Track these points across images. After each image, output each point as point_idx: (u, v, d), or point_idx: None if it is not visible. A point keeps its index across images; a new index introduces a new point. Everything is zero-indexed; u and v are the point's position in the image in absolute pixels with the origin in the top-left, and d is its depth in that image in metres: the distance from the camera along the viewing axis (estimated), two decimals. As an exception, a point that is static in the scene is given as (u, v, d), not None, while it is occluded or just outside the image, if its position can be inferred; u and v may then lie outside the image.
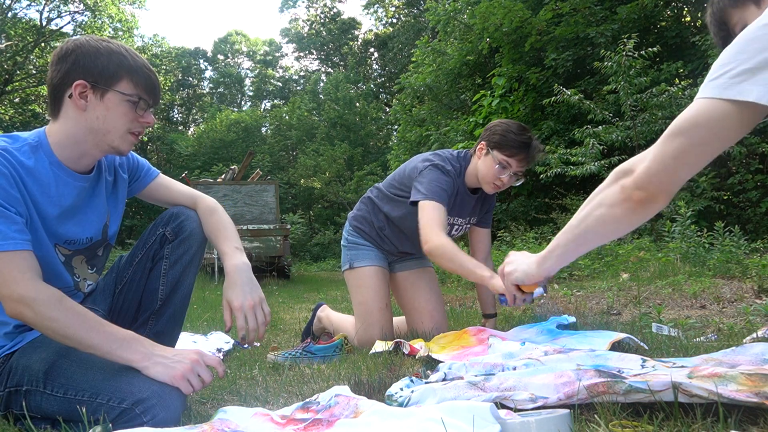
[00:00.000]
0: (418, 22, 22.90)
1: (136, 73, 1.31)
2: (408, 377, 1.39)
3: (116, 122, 1.31)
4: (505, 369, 1.36)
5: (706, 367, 1.10)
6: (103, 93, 1.29)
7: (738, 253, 3.51)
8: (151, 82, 1.34)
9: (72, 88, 1.27)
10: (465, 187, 2.30)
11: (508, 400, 1.11)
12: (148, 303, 1.54)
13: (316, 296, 5.71)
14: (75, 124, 1.30)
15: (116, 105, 1.30)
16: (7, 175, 1.20)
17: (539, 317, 2.49)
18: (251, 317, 1.38)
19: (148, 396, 1.14)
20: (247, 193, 9.49)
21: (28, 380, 1.26)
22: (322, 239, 20.11)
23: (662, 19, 9.39)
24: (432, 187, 2.12)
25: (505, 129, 2.16)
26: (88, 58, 1.27)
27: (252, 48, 37.59)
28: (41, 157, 1.29)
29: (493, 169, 2.16)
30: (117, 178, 1.52)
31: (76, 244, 1.40)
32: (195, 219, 1.57)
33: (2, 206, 1.17)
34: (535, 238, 7.10)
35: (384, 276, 2.42)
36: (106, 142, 1.33)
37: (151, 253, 1.55)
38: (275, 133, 27.34)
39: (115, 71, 1.28)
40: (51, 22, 21.54)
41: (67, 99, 1.29)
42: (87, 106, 1.28)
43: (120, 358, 1.19)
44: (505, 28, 9.53)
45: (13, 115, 20.90)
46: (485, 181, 2.21)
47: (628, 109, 6.15)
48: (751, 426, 0.92)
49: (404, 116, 13.32)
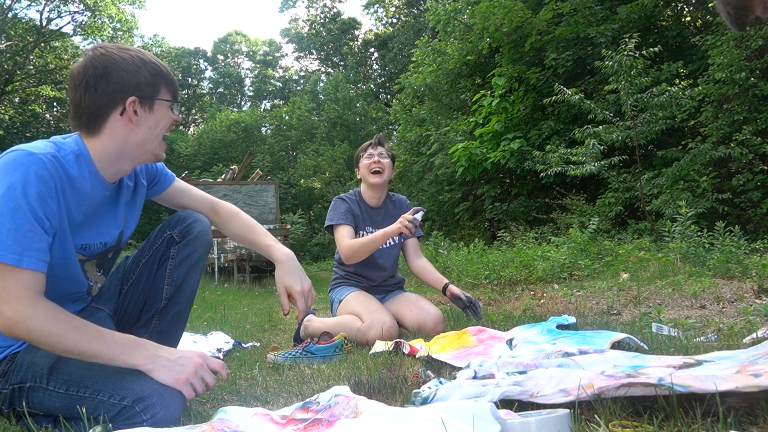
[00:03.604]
0: (418, 22, 22.89)
1: (168, 78, 1.36)
2: (437, 378, 1.38)
3: (162, 130, 1.36)
4: (539, 368, 1.35)
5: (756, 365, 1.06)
6: (151, 105, 1.33)
7: (738, 253, 3.51)
8: (176, 83, 1.39)
9: (126, 106, 1.29)
10: (365, 204, 2.78)
11: (536, 396, 1.10)
12: (153, 302, 1.55)
13: (317, 296, 5.70)
14: (123, 139, 1.32)
15: (163, 113, 1.36)
16: (51, 187, 1.20)
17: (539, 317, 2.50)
18: (309, 300, 1.54)
19: (149, 394, 1.14)
20: (247, 193, 9.50)
21: (32, 376, 1.26)
22: (322, 239, 20.10)
23: (663, 19, 9.39)
24: (333, 213, 2.70)
25: (359, 147, 2.84)
26: (131, 75, 1.29)
27: (252, 48, 37.59)
28: (82, 167, 1.30)
29: (365, 165, 2.71)
30: (137, 183, 1.53)
31: (90, 249, 1.40)
32: (203, 222, 1.60)
33: (38, 219, 1.17)
34: (535, 238, 7.09)
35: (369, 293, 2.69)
36: (150, 151, 1.37)
37: (158, 254, 1.56)
38: (275, 133, 27.34)
39: (155, 81, 1.32)
40: (51, 22, 21.55)
41: (114, 117, 1.30)
42: (138, 120, 1.31)
43: (125, 363, 1.19)
44: (505, 28, 9.53)
45: (13, 115, 20.90)
46: (367, 177, 2.72)
47: (629, 109, 6.15)
48: (751, 426, 0.92)
49: (404, 116, 13.31)
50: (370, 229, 2.74)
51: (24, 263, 1.14)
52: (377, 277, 2.78)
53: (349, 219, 2.68)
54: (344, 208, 2.70)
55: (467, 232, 10.85)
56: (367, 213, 2.77)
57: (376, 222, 2.77)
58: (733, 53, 6.46)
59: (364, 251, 2.58)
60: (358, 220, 2.72)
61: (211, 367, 1.26)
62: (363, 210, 2.77)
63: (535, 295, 3.68)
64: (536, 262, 4.77)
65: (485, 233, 10.45)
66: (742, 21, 0.97)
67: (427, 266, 2.84)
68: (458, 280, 5.18)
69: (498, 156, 9.25)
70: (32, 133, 21.76)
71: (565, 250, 4.99)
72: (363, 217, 2.75)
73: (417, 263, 2.84)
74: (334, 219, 2.68)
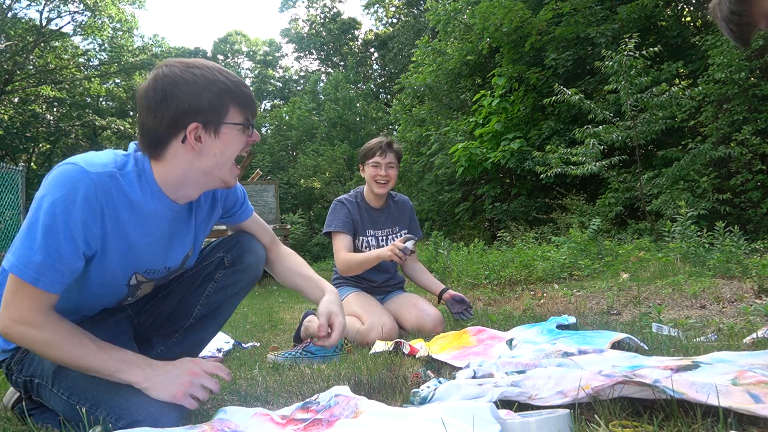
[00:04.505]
0: (418, 22, 22.88)
1: (239, 96, 1.22)
2: (436, 378, 1.38)
3: (233, 154, 1.25)
4: (538, 367, 1.35)
5: (754, 375, 1.06)
6: (217, 129, 1.20)
7: (738, 253, 3.51)
8: (251, 99, 1.26)
9: (186, 133, 1.18)
10: (367, 204, 2.77)
11: (534, 399, 1.10)
12: (181, 317, 1.51)
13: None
14: (188, 166, 1.22)
15: (233, 138, 1.23)
16: (97, 211, 1.14)
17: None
18: (342, 335, 1.46)
19: (144, 418, 1.14)
20: (247, 193, 9.51)
21: (40, 374, 1.28)
22: (322, 239, 20.04)
23: (662, 19, 9.38)
24: (332, 219, 2.69)
25: (364, 146, 2.76)
26: (192, 98, 1.16)
27: (252, 48, 37.58)
28: (144, 187, 1.22)
29: (371, 172, 2.69)
30: (214, 209, 1.46)
31: (155, 273, 1.36)
32: (258, 255, 1.56)
33: (71, 242, 1.11)
34: (535, 238, 7.09)
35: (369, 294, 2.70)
36: (218, 177, 1.26)
37: (205, 272, 1.52)
38: (275, 133, 27.32)
39: (222, 103, 1.20)
40: (51, 22, 21.55)
41: (176, 143, 1.19)
42: (202, 147, 1.20)
43: (121, 380, 1.19)
44: (505, 28, 9.53)
45: (13, 115, 20.89)
46: (372, 185, 2.70)
47: (629, 109, 6.15)
48: (751, 426, 0.92)
49: (404, 116, 13.31)
50: (370, 233, 2.74)
51: (40, 284, 1.12)
52: (378, 279, 2.78)
53: (347, 226, 2.67)
54: (343, 215, 2.68)
55: (467, 232, 10.86)
56: (368, 215, 2.76)
57: (378, 224, 2.77)
58: (733, 53, 6.46)
59: (359, 268, 2.61)
60: (358, 225, 2.71)
61: (207, 371, 1.23)
62: (364, 212, 2.75)
63: (535, 295, 3.67)
64: (536, 262, 4.77)
65: (485, 233, 10.45)
66: (746, 37, 0.96)
67: (422, 270, 2.89)
68: (458, 280, 5.18)
69: (498, 156, 9.25)
70: (32, 133, 21.77)
71: (565, 250, 4.99)
72: (363, 221, 2.73)
73: (412, 267, 2.88)
74: (332, 226, 2.67)
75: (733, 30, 1.00)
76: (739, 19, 0.97)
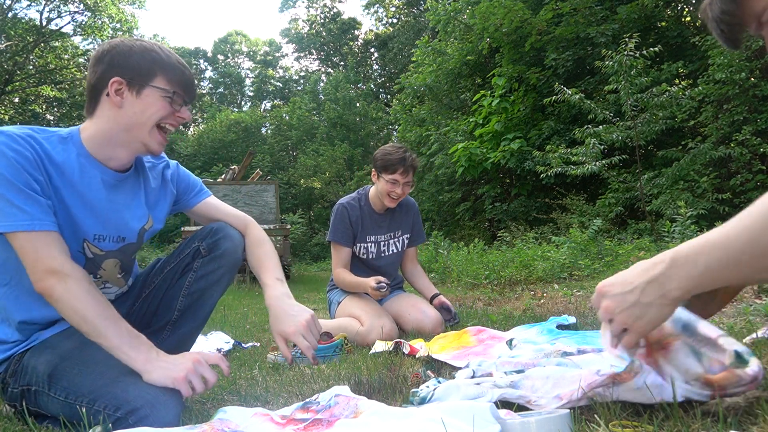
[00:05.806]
0: (418, 22, 22.89)
1: (171, 70, 1.32)
2: (435, 378, 1.38)
3: (152, 117, 1.32)
4: (536, 366, 1.35)
5: None
6: (139, 89, 1.30)
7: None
8: (186, 78, 1.35)
9: (108, 87, 1.29)
10: (371, 209, 2.71)
11: (532, 404, 1.10)
12: (165, 312, 1.53)
13: (317, 296, 5.70)
14: (109, 121, 1.31)
15: (154, 101, 1.31)
16: (31, 160, 1.21)
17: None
18: (309, 336, 1.35)
19: (141, 405, 1.14)
20: (247, 193, 9.48)
21: (35, 381, 1.28)
22: (322, 239, 20.07)
23: (663, 19, 9.39)
24: (335, 228, 2.66)
25: (383, 153, 2.60)
26: (122, 57, 1.29)
27: (252, 48, 37.60)
28: (69, 148, 1.30)
29: (386, 187, 2.59)
30: (165, 187, 1.51)
31: (105, 241, 1.38)
32: (234, 240, 1.54)
33: (28, 189, 1.19)
34: (535, 238, 7.09)
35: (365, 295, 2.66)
36: (138, 139, 1.33)
37: (183, 264, 1.53)
38: (275, 133, 27.32)
39: (149, 68, 1.30)
40: (51, 22, 21.54)
41: (104, 98, 1.30)
42: (123, 102, 1.30)
43: (125, 355, 1.19)
44: (505, 28, 9.54)
45: (13, 116, 20.89)
46: (384, 197, 2.63)
47: (629, 109, 6.15)
48: (751, 426, 0.92)
49: (404, 116, 13.32)
50: (371, 239, 2.71)
51: (36, 226, 1.18)
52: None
53: (346, 239, 2.65)
54: (344, 226, 2.65)
55: (467, 232, 10.87)
56: (371, 219, 2.71)
57: (382, 227, 2.74)
58: (733, 53, 6.46)
59: (349, 289, 2.64)
60: (358, 232, 2.68)
61: (208, 361, 1.25)
62: (366, 216, 2.70)
63: (535, 295, 3.68)
64: (536, 262, 4.77)
65: (485, 233, 10.45)
66: (736, 38, 0.96)
67: (420, 273, 2.90)
68: (458, 280, 5.18)
69: (498, 156, 9.26)
70: (32, 133, 21.74)
71: (565, 250, 4.99)
72: (365, 226, 2.69)
73: (411, 269, 2.90)
74: (334, 236, 2.66)
75: (723, 30, 1.00)
76: (730, 19, 0.97)
